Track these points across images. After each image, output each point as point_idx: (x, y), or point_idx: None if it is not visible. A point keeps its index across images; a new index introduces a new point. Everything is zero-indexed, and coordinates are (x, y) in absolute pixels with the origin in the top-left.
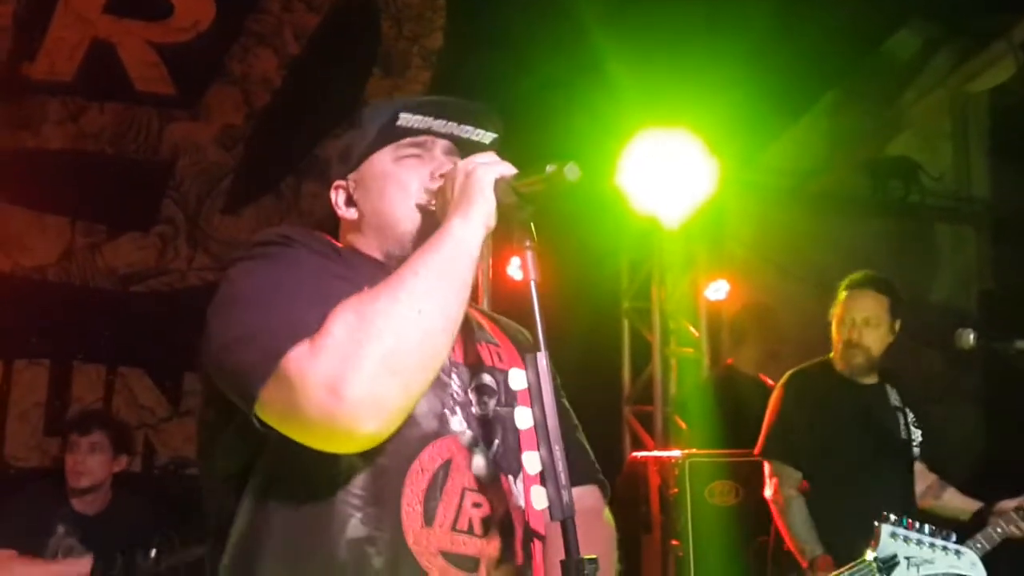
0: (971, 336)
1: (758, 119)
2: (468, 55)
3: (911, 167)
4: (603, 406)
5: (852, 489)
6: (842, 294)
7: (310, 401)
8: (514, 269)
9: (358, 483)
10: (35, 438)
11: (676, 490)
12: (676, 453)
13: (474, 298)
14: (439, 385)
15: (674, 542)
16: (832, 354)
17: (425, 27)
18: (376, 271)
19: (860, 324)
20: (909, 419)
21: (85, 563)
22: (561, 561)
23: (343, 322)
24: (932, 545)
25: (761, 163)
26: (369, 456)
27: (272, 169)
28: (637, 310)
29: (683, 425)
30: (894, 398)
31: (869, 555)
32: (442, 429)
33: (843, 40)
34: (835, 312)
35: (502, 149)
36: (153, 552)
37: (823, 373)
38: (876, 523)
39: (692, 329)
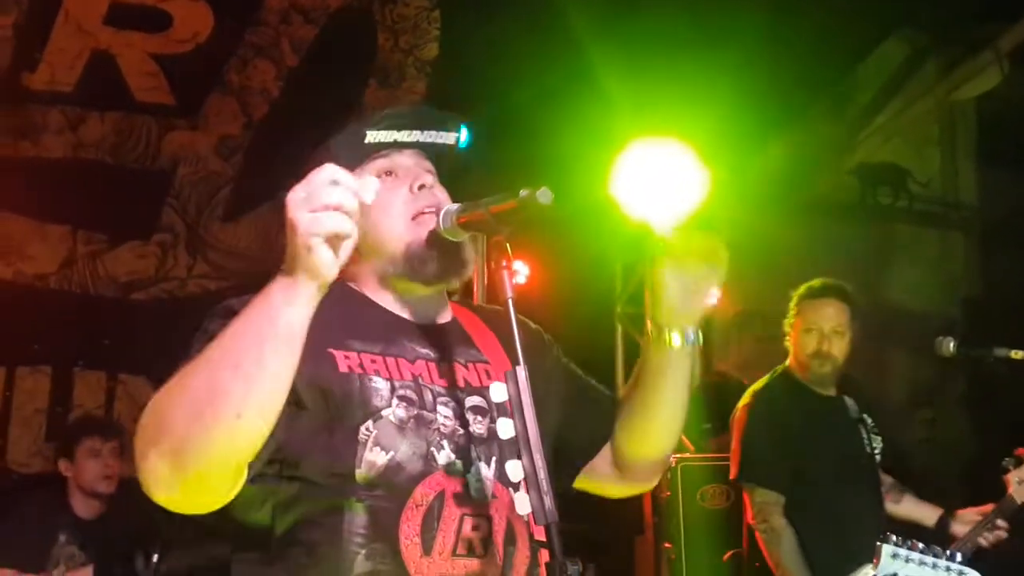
0: (951, 344)
1: (747, 128)
2: (463, 66)
3: (899, 173)
4: None
5: (826, 507)
6: (802, 303)
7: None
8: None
9: (360, 524)
10: (37, 444)
11: (668, 493)
12: None
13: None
14: (422, 423)
15: (667, 544)
16: (789, 364)
17: (420, 38)
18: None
19: (829, 334)
20: (869, 427)
21: (86, 573)
22: (546, 563)
23: (149, 408)
24: (935, 565)
25: (750, 171)
26: (365, 500)
27: (270, 178)
28: (630, 315)
29: None
30: (852, 409)
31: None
32: (427, 468)
33: (831, 49)
34: (793, 321)
35: (496, 158)
36: (154, 557)
37: (786, 387)
38: (877, 543)
39: None
